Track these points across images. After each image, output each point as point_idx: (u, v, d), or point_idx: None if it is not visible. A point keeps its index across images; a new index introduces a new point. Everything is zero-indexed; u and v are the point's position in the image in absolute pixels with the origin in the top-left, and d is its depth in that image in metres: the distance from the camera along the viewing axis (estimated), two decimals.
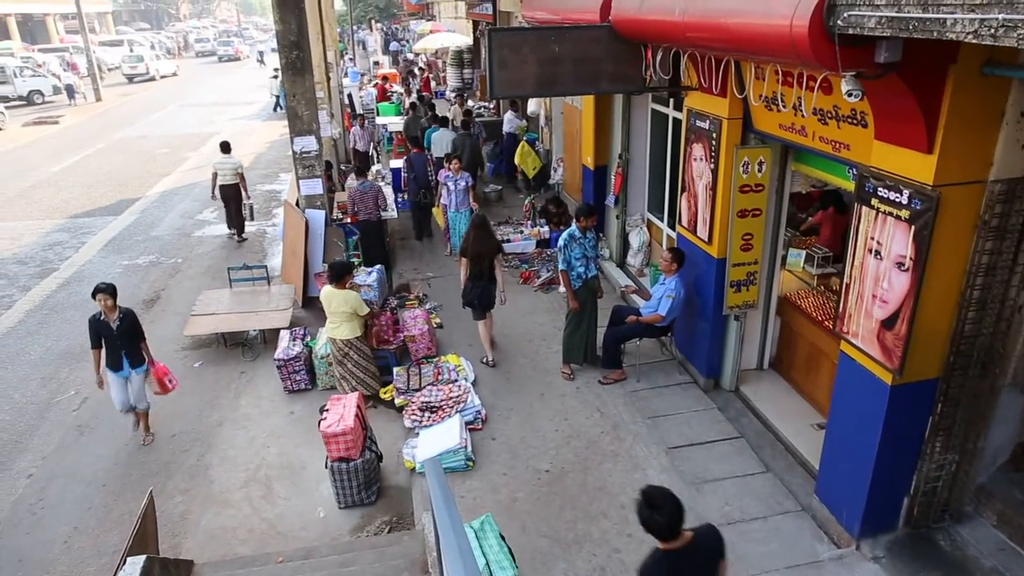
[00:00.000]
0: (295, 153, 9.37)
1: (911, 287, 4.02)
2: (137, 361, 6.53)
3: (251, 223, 12.65)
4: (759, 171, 5.95)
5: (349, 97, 19.09)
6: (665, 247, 8.21)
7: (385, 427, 6.73)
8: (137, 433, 6.86)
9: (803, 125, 5.11)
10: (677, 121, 7.65)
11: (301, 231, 9.17)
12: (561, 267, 7.10)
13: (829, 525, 5.10)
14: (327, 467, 5.75)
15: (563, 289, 7.28)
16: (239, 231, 12.48)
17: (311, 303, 9.17)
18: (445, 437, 6.17)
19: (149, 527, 4.81)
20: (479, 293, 7.52)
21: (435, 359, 7.63)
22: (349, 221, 10.04)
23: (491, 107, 17.93)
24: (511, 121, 14.55)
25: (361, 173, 10.36)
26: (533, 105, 15.11)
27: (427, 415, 6.64)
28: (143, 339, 6.58)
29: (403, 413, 6.83)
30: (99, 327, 6.33)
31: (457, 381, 7.11)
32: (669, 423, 6.52)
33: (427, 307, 8.81)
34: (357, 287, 7.64)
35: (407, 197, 11.92)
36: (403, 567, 4.87)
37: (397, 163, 13.63)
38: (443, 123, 13.72)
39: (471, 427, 6.52)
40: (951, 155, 3.75)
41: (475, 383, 7.25)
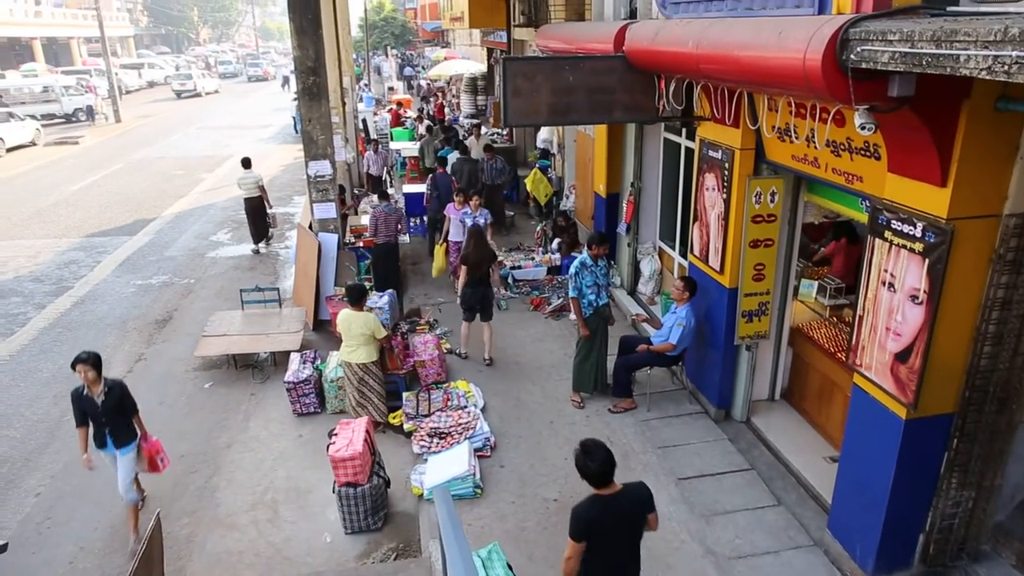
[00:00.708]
0: (309, 177, 9.47)
1: (925, 320, 3.99)
2: (124, 440, 5.65)
3: (273, 228, 13.58)
4: (771, 201, 5.96)
5: (363, 122, 19.31)
6: (677, 275, 8.20)
7: (393, 452, 6.70)
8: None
9: (816, 156, 5.12)
10: (690, 150, 7.68)
11: (314, 254, 9.23)
12: (572, 294, 7.10)
13: (842, 561, 5.01)
14: (334, 492, 5.72)
15: (574, 316, 7.28)
16: (263, 237, 13.21)
17: (322, 326, 9.20)
18: (454, 464, 6.14)
19: (155, 549, 4.78)
20: (480, 298, 8.16)
21: (445, 385, 7.62)
22: (362, 245, 10.09)
23: (504, 134, 18.07)
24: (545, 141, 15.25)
25: (384, 196, 10.42)
26: (546, 132, 15.24)
27: (436, 441, 6.61)
28: (135, 412, 5.74)
29: (412, 438, 6.80)
30: (83, 403, 5.52)
31: (467, 407, 7.09)
32: (679, 453, 6.45)
33: (438, 332, 8.82)
34: (368, 310, 7.66)
35: (427, 216, 12.21)
36: None
37: (410, 188, 13.77)
38: (459, 146, 13.86)
39: (480, 454, 6.48)
40: (965, 188, 3.74)
41: (484, 410, 7.22)
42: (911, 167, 3.96)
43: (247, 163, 12.82)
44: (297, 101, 10.49)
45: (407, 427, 6.98)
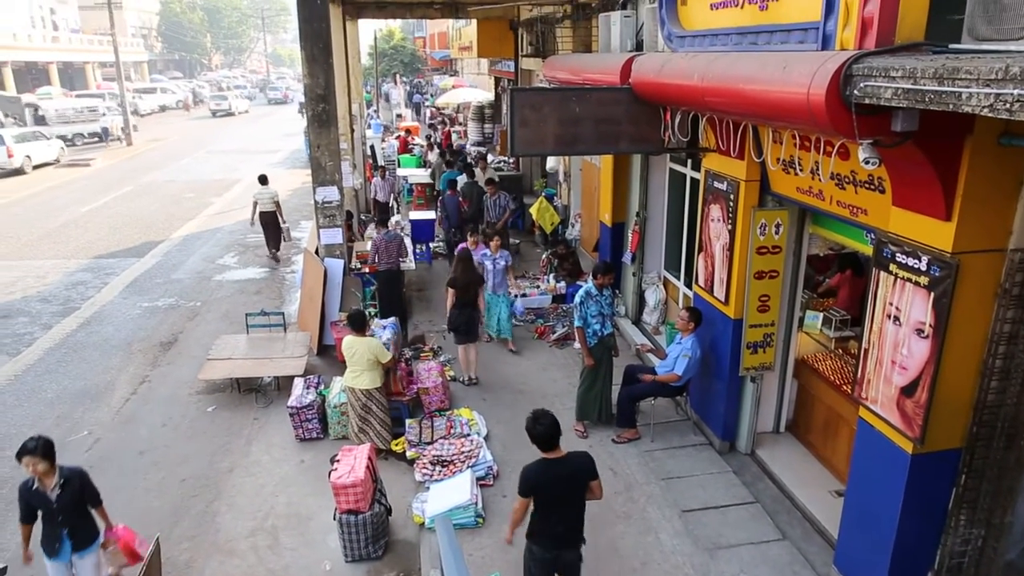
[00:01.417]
0: (317, 202, 9.54)
1: (931, 354, 3.97)
2: (86, 540, 4.74)
3: (286, 241, 14.39)
4: (776, 233, 5.97)
5: (371, 148, 19.49)
6: (682, 306, 8.20)
7: (395, 479, 6.66)
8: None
9: (820, 189, 5.14)
10: (695, 181, 7.73)
11: (319, 279, 9.27)
12: (577, 324, 7.10)
13: None
14: (335, 518, 5.68)
15: (578, 345, 7.26)
16: (276, 248, 14.13)
17: (326, 351, 9.20)
18: (456, 492, 6.09)
19: (154, 574, 4.75)
20: (466, 319, 8.28)
21: (448, 412, 7.59)
22: (368, 271, 10.13)
23: (511, 162, 18.21)
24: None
25: (383, 223, 10.51)
26: (552, 161, 15.35)
27: (438, 469, 6.57)
28: (98, 505, 4.81)
29: (414, 466, 6.76)
30: (31, 498, 4.57)
31: (469, 435, 7.05)
32: (683, 485, 6.39)
33: (441, 360, 8.81)
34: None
35: (443, 236, 13.00)
36: None
37: (417, 215, 13.87)
38: (466, 169, 14.15)
39: (482, 483, 6.44)
40: (970, 223, 3.75)
41: (487, 438, 7.19)
42: (915, 201, 3.98)
43: (264, 180, 13.85)
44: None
45: (410, 454, 6.95)
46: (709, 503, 6.13)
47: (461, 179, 13.45)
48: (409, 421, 7.42)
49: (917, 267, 3.98)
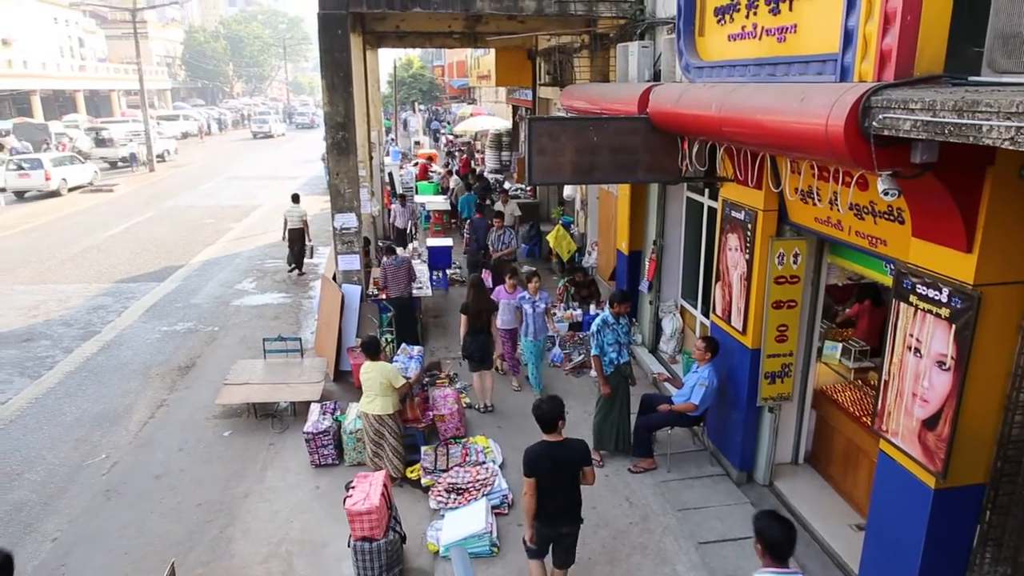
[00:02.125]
0: (335, 229, 9.63)
1: (953, 387, 3.92)
2: None
3: (308, 259, 15.14)
4: (794, 263, 5.95)
5: (390, 175, 19.69)
6: (699, 334, 8.16)
7: (410, 507, 6.62)
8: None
9: (839, 219, 5.13)
10: (712, 210, 7.73)
11: (337, 305, 9.32)
12: (594, 352, 7.08)
13: None
14: (349, 546, 5.65)
15: (595, 374, 7.24)
16: (299, 265, 14.89)
17: (343, 377, 9.23)
18: (471, 520, 6.06)
19: None
20: (479, 346, 8.29)
21: (463, 440, 7.57)
22: (384, 297, 10.18)
23: (528, 189, 18.32)
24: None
25: (391, 251, 10.51)
26: (569, 189, 15.43)
27: (453, 497, 6.54)
28: None
29: (429, 493, 6.73)
30: None
31: (485, 463, 7.02)
32: (700, 516, 6.31)
33: (457, 387, 8.80)
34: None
35: (466, 257, 13.41)
36: None
37: (434, 241, 13.96)
38: (483, 194, 14.57)
39: (497, 511, 6.40)
40: (992, 254, 3.72)
41: (503, 466, 7.15)
42: (936, 232, 3.96)
43: (296, 199, 14.97)
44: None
45: (425, 482, 6.92)
46: (726, 535, 6.04)
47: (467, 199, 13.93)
48: (424, 448, 7.41)
49: (938, 299, 3.95)
